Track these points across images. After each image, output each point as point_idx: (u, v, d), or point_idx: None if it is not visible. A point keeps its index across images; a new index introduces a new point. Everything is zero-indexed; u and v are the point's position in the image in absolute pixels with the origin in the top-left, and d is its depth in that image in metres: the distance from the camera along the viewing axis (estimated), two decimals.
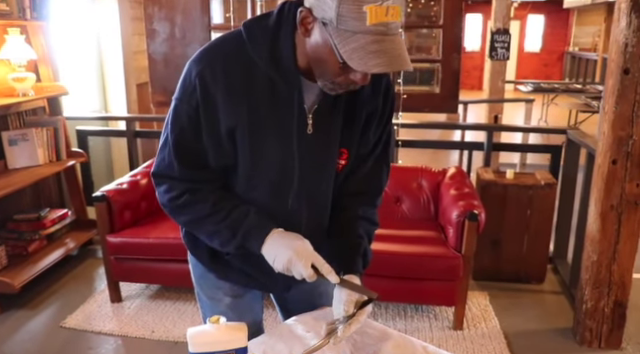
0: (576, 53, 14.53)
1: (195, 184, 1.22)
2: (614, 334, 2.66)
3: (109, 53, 4.70)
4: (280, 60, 1.12)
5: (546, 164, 3.55)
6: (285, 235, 1.21)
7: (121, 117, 4.27)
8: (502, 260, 3.30)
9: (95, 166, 4.19)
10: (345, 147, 1.26)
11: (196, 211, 1.23)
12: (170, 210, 1.27)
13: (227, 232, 1.22)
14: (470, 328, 2.83)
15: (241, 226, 1.21)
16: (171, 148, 1.19)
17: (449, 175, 3.26)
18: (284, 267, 1.17)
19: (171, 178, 1.22)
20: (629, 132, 2.39)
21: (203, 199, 1.22)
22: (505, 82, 5.85)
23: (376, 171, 1.35)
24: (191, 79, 1.14)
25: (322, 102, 1.19)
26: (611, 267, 2.56)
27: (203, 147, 1.18)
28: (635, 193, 2.46)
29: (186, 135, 1.17)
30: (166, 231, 3.01)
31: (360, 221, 1.33)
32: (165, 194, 1.24)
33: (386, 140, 1.34)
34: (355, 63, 1.00)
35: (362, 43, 0.99)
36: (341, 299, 1.19)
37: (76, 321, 2.89)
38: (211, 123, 1.15)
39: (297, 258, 1.15)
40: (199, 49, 1.18)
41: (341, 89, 1.12)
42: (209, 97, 1.13)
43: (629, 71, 2.34)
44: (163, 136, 1.22)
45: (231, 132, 1.16)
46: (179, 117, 1.17)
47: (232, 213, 1.21)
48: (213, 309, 1.44)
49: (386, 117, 1.30)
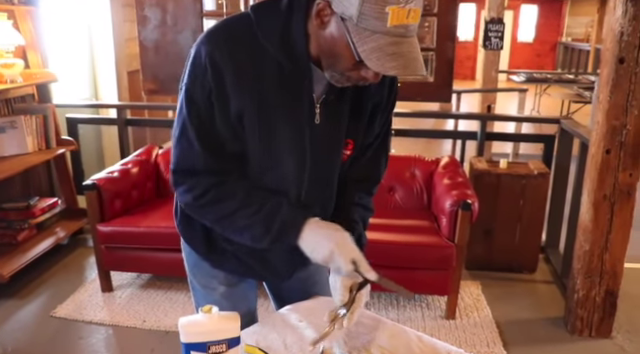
0: (569, 43, 14.55)
1: (219, 177, 1.17)
2: (605, 323, 2.68)
3: (100, 40, 4.64)
4: (292, 47, 1.09)
5: (539, 154, 3.55)
6: (323, 225, 1.17)
7: (112, 105, 4.22)
8: (494, 250, 3.30)
9: (85, 155, 4.14)
10: (351, 138, 1.25)
11: (225, 207, 1.18)
12: (195, 209, 1.22)
13: (260, 227, 1.17)
14: (462, 317, 2.83)
15: (275, 219, 1.16)
16: (192, 136, 1.13)
17: (442, 164, 3.25)
18: (324, 260, 1.14)
19: (193, 173, 1.16)
20: (623, 122, 2.39)
21: (231, 194, 1.17)
22: (498, 72, 5.84)
23: (375, 160, 1.35)
24: (201, 61, 1.09)
25: (330, 92, 1.17)
26: (603, 256, 2.57)
27: (220, 132, 1.14)
28: (628, 183, 2.46)
29: (205, 120, 1.13)
30: (157, 220, 2.98)
31: (355, 207, 1.32)
32: (187, 193, 1.18)
33: (387, 130, 1.34)
34: (372, 63, 0.99)
35: (381, 44, 0.98)
36: (335, 287, 1.17)
37: (66, 310, 2.86)
38: (222, 106, 1.11)
39: (339, 252, 1.11)
40: (205, 31, 1.14)
41: (349, 83, 1.11)
42: (220, 79, 1.09)
43: (624, 60, 2.33)
44: (178, 127, 1.16)
45: (239, 116, 1.13)
46: (194, 103, 1.12)
47: (264, 206, 1.17)
48: (207, 298, 1.42)
49: (390, 107, 1.29)
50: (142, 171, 3.27)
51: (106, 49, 4.66)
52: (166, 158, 3.44)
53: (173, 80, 3.67)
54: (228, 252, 1.35)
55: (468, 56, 14.74)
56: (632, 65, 2.32)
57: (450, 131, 4.88)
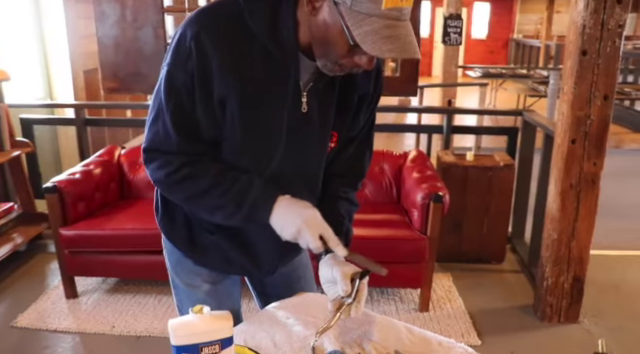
0: (520, 40, 14.97)
1: (193, 157, 1.14)
2: (572, 309, 2.75)
3: (53, 38, 4.46)
4: (280, 34, 1.07)
5: (500, 147, 3.62)
6: (293, 202, 1.16)
7: (70, 104, 4.06)
8: (463, 241, 3.35)
9: (41, 157, 3.97)
10: (335, 130, 1.23)
11: (197, 185, 1.15)
12: (167, 186, 1.19)
13: (232, 204, 1.15)
14: (436, 309, 2.86)
15: (247, 197, 1.14)
16: (167, 119, 1.10)
17: (410, 158, 3.27)
18: (292, 236, 1.13)
19: (167, 153, 1.14)
20: (587, 112, 2.45)
21: (203, 171, 1.15)
22: (458, 67, 5.94)
23: (359, 155, 1.34)
24: (186, 42, 1.05)
25: (317, 81, 1.14)
26: (570, 244, 2.64)
27: (198, 118, 1.11)
28: (593, 171, 2.53)
29: (183, 104, 1.09)
30: (123, 222, 2.89)
31: (341, 201, 1.31)
32: (159, 170, 1.15)
33: (371, 124, 1.32)
34: (368, 47, 0.97)
35: (376, 27, 0.96)
36: (335, 278, 1.15)
37: (28, 320, 2.73)
38: (205, 90, 1.08)
39: (306, 227, 1.11)
40: (192, 12, 1.10)
41: (342, 71, 1.09)
42: (205, 62, 1.05)
43: (587, 52, 2.39)
44: (154, 108, 1.13)
45: (222, 101, 1.09)
46: (173, 85, 1.08)
47: (235, 184, 1.15)
48: (190, 297, 1.38)
49: (375, 101, 1.28)
50: (105, 172, 3.16)
51: (60, 47, 4.48)
52: (130, 158, 3.34)
53: (134, 78, 3.57)
54: (211, 247, 1.31)
55: (424, 53, 14.93)
56: (594, 57, 2.39)
57: (416, 125, 4.93)
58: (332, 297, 1.16)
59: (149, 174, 1.19)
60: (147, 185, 3.28)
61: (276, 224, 1.15)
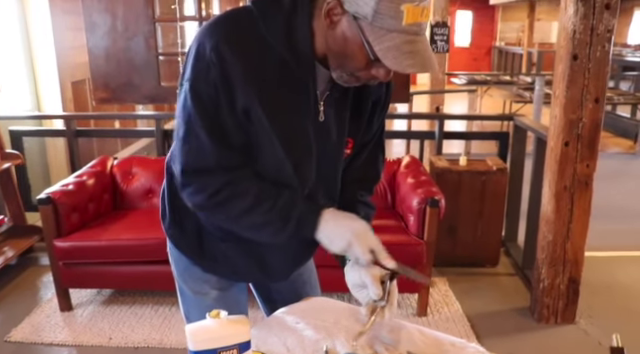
0: (502, 47, 15.19)
1: (231, 173, 1.13)
2: (569, 309, 2.78)
3: (40, 49, 4.41)
4: (296, 45, 1.07)
5: (489, 153, 3.66)
6: (339, 215, 1.17)
7: (60, 115, 4.02)
8: (458, 245, 3.37)
9: (29, 169, 3.92)
10: (351, 136, 1.24)
11: (239, 204, 1.14)
12: (209, 209, 1.17)
13: (278, 222, 1.15)
14: (434, 313, 2.87)
15: (292, 213, 1.14)
16: (201, 133, 1.08)
17: (404, 164, 3.29)
18: (342, 250, 1.14)
19: (204, 172, 1.11)
20: (579, 115, 2.50)
21: (245, 190, 1.14)
22: (445, 74, 5.99)
23: (373, 159, 1.35)
24: (205, 55, 1.05)
25: (333, 90, 1.15)
26: (565, 245, 2.67)
27: (228, 126, 1.09)
28: (586, 173, 2.57)
29: (212, 115, 1.08)
30: (118, 232, 2.86)
31: (360, 205, 1.32)
32: (198, 194, 1.14)
33: (382, 128, 1.34)
34: (390, 62, 0.98)
35: (397, 42, 0.97)
36: (365, 282, 1.15)
37: (23, 334, 2.69)
38: (229, 100, 1.07)
39: (357, 242, 1.12)
40: (206, 24, 1.09)
41: (358, 83, 1.10)
42: (226, 73, 1.05)
43: (577, 57, 2.43)
44: (183, 125, 1.10)
45: (246, 111, 1.09)
46: (199, 98, 1.07)
47: (278, 201, 1.14)
48: (198, 304, 1.37)
49: (386, 104, 1.29)
50: (98, 183, 3.13)
51: (47, 58, 4.44)
52: (122, 169, 3.31)
53: (125, 88, 3.56)
54: (221, 255, 1.30)
55: None
56: (585, 61, 2.44)
57: (406, 131, 4.96)
58: (364, 301, 1.17)
59: (187, 198, 1.17)
60: (140, 195, 3.26)
61: (324, 238, 1.15)
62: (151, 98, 3.67)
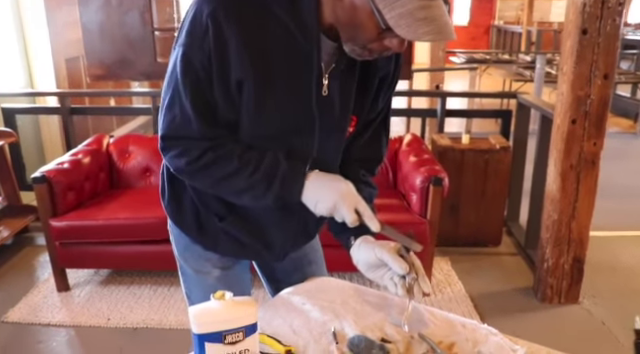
0: (501, 26, 15.01)
1: (214, 141, 1.09)
2: (573, 289, 2.76)
3: (32, 25, 4.30)
4: (301, 14, 1.01)
5: (488, 132, 3.59)
6: (324, 176, 1.12)
7: (54, 92, 3.94)
8: (460, 225, 3.34)
9: (23, 147, 3.84)
10: (355, 114, 1.17)
11: (222, 169, 1.10)
12: (190, 174, 1.13)
13: (261, 184, 1.10)
14: (437, 294, 2.84)
15: (276, 175, 1.10)
16: (186, 102, 1.04)
17: (406, 142, 3.23)
18: (328, 211, 1.10)
19: (187, 138, 1.08)
20: (587, 92, 2.44)
21: (228, 154, 1.09)
22: (446, 52, 5.91)
23: (376, 139, 1.29)
24: (202, 20, 0.99)
25: (338, 62, 1.09)
26: (570, 225, 2.63)
27: (217, 98, 1.05)
28: (593, 152, 2.52)
29: (202, 85, 1.03)
30: (115, 212, 2.81)
31: (361, 185, 1.26)
32: (180, 158, 1.10)
33: (388, 107, 1.27)
34: (403, 31, 0.91)
35: (410, 8, 0.90)
36: (383, 259, 1.13)
37: (20, 314, 2.65)
38: (222, 70, 1.01)
39: (342, 201, 1.09)
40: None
41: (371, 56, 1.03)
42: (222, 40, 0.99)
43: (587, 31, 2.36)
44: (169, 92, 1.06)
45: (239, 83, 1.03)
46: (191, 65, 1.02)
47: (262, 163, 1.10)
48: (200, 283, 1.33)
49: (394, 82, 1.23)
50: (94, 161, 3.06)
51: (40, 35, 4.33)
52: (119, 147, 3.24)
53: (120, 64, 3.47)
54: (221, 232, 1.25)
55: None
56: (595, 36, 2.37)
57: (407, 109, 4.89)
58: (383, 282, 1.15)
59: (167, 162, 1.14)
60: (137, 174, 3.20)
61: (309, 199, 1.11)
62: (147, 75, 3.59)
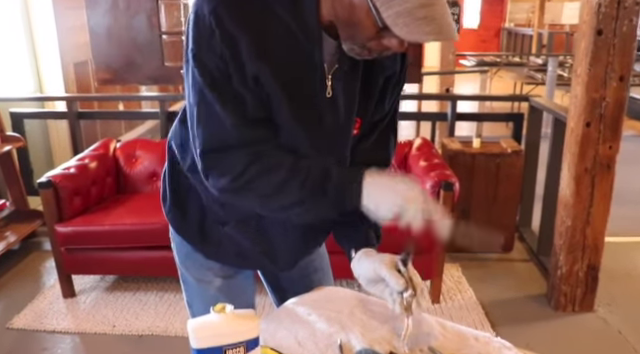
0: (512, 29, 14.90)
1: (254, 148, 1.02)
2: (587, 297, 2.69)
3: (41, 29, 4.31)
4: (303, 14, 0.97)
5: (499, 136, 3.53)
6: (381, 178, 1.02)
7: (62, 97, 3.92)
8: None
9: (32, 152, 3.83)
10: (359, 116, 1.12)
11: (270, 181, 1.02)
12: (235, 192, 1.05)
13: (316, 193, 1.02)
14: (447, 301, 2.78)
15: (330, 181, 1.02)
16: (217, 107, 0.98)
17: (416, 146, 3.18)
18: (394, 215, 1.01)
19: (225, 150, 1.01)
20: (602, 94, 2.37)
21: (274, 165, 1.02)
22: (456, 55, 5.85)
23: (383, 142, 1.23)
24: (205, 20, 0.94)
25: (341, 63, 1.04)
26: (585, 231, 2.56)
27: (243, 95, 0.99)
28: (608, 155, 2.46)
29: (224, 86, 0.98)
30: (121, 217, 2.78)
31: None
32: (223, 177, 1.02)
33: (395, 108, 1.22)
34: (400, 30, 0.87)
35: (408, 7, 0.85)
36: (380, 275, 1.07)
37: (25, 321, 2.63)
38: (238, 68, 0.96)
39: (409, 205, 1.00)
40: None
41: (370, 55, 0.98)
42: (230, 38, 0.94)
43: (602, 32, 2.30)
44: (196, 103, 1.00)
45: (257, 80, 0.98)
46: (206, 68, 0.97)
47: (311, 171, 1.02)
48: (202, 293, 1.29)
49: (401, 82, 1.17)
50: (100, 166, 3.04)
51: (49, 39, 4.33)
52: (125, 151, 3.22)
53: (128, 68, 3.45)
54: (224, 241, 1.21)
55: None
56: (610, 37, 2.31)
57: (417, 113, 4.83)
58: (383, 295, 1.09)
59: (212, 185, 1.06)
60: (144, 179, 3.18)
61: (370, 205, 1.02)
62: (155, 79, 3.57)
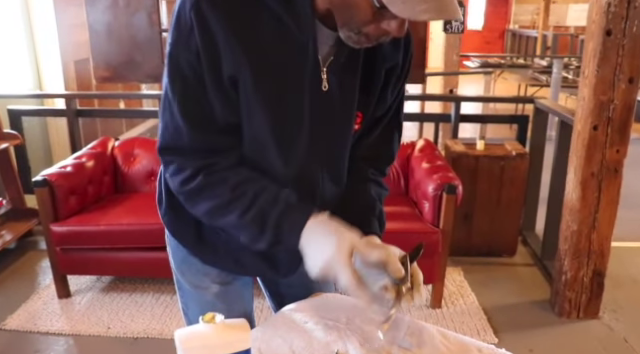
0: (516, 30, 14.83)
1: (209, 157, 0.98)
2: (592, 304, 2.63)
3: (41, 26, 4.27)
4: (295, 4, 0.91)
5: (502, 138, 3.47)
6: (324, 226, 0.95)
7: (60, 94, 3.89)
8: (474, 234, 3.22)
9: (31, 150, 3.80)
10: (360, 110, 1.07)
11: (215, 196, 0.99)
12: (185, 197, 1.03)
13: (253, 226, 0.98)
14: (449, 306, 2.72)
15: (269, 217, 0.96)
16: (175, 108, 0.95)
17: (419, 148, 3.13)
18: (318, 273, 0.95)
19: (180, 151, 0.98)
20: (610, 96, 2.32)
21: (221, 180, 0.98)
22: (460, 56, 5.79)
23: (387, 137, 1.18)
24: (186, 16, 0.90)
25: (338, 54, 0.99)
26: (591, 236, 2.51)
27: (210, 100, 0.95)
28: (615, 159, 2.40)
29: (191, 87, 0.94)
30: (118, 217, 2.73)
31: (370, 183, 1.17)
32: (176, 176, 1.00)
33: (400, 101, 1.16)
34: (397, 8, 0.81)
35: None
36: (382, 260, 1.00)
37: (19, 322, 2.58)
38: (213, 68, 0.92)
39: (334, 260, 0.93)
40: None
41: (369, 42, 0.93)
42: (209, 35, 0.90)
43: (611, 32, 2.25)
44: (163, 99, 0.98)
45: (234, 82, 0.94)
46: (178, 66, 0.94)
47: (258, 199, 0.97)
48: (198, 299, 1.24)
49: (405, 74, 1.11)
50: (98, 165, 2.99)
51: (49, 36, 4.29)
52: (124, 150, 3.17)
53: (128, 66, 3.40)
54: (222, 246, 1.16)
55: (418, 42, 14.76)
56: (619, 37, 2.25)
57: (420, 114, 4.78)
58: (373, 284, 1.01)
59: (169, 182, 1.04)
60: (142, 178, 3.13)
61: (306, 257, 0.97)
62: (154, 77, 3.51)
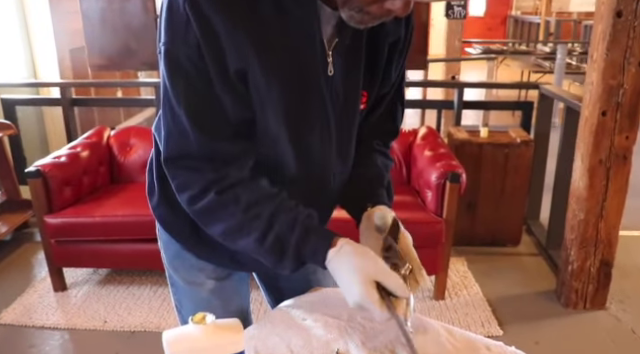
0: (519, 17, 14.66)
1: (219, 169, 0.90)
2: (599, 294, 2.57)
3: (35, 13, 4.18)
4: None
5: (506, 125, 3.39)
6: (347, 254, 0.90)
7: (55, 83, 3.81)
8: (477, 223, 3.16)
9: (26, 140, 3.73)
10: (365, 89, 1.02)
11: (228, 217, 0.93)
12: (196, 215, 0.96)
13: (272, 254, 0.93)
14: (452, 297, 2.67)
15: (288, 244, 0.92)
16: (179, 111, 0.87)
17: (421, 135, 3.06)
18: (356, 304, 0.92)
19: (187, 161, 0.91)
20: (620, 81, 2.24)
21: (234, 199, 0.91)
22: (463, 42, 5.70)
23: (391, 112, 1.15)
24: (180, 9, 0.82)
25: (343, 36, 0.92)
26: (598, 225, 2.44)
27: (217, 96, 0.87)
28: (624, 146, 2.33)
29: (195, 85, 0.86)
30: (114, 208, 2.67)
31: (376, 154, 1.14)
32: (183, 193, 0.93)
33: (402, 75, 1.11)
34: None
35: None
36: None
37: (13, 315, 2.53)
38: (217, 61, 0.84)
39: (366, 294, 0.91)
40: None
41: (372, 21, 0.86)
42: (208, 27, 0.82)
43: (622, 14, 2.16)
44: (162, 103, 0.90)
45: (242, 75, 0.87)
46: (178, 64, 0.85)
47: (274, 223, 0.92)
48: (192, 296, 1.18)
49: (406, 48, 1.06)
50: (93, 155, 2.93)
51: (43, 24, 4.20)
52: (120, 140, 3.11)
53: (123, 54, 3.32)
54: (218, 243, 1.09)
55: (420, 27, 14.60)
56: (630, 18, 2.17)
57: (422, 100, 4.69)
58: None
59: (180, 200, 0.96)
60: (139, 168, 3.06)
61: None
62: (150, 64, 3.43)
